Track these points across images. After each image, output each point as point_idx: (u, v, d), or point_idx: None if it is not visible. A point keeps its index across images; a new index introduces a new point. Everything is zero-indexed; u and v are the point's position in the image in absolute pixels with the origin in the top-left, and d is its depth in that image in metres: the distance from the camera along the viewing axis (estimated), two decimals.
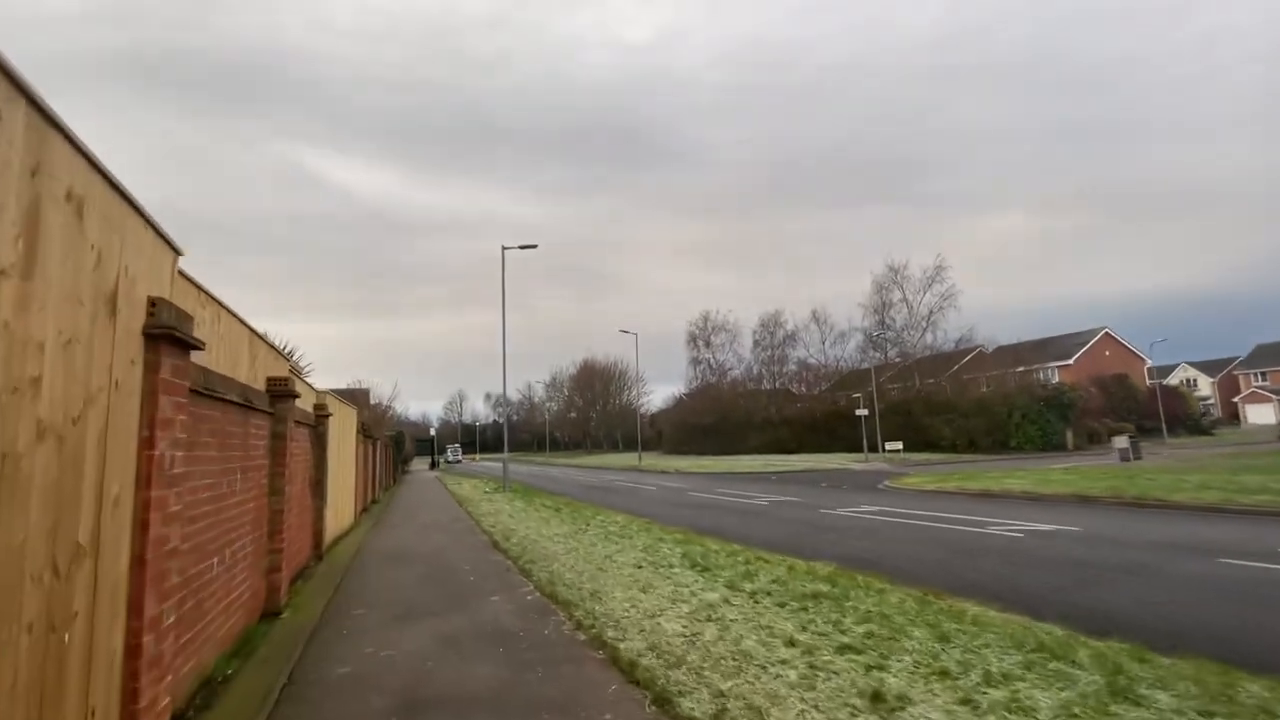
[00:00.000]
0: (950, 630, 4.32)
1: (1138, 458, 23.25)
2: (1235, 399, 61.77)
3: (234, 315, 4.68)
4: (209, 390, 3.85)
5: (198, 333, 3.80)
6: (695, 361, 66.21)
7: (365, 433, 15.77)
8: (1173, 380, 58.54)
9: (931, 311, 47.37)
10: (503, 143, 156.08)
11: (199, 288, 3.83)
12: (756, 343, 60.79)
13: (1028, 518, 10.46)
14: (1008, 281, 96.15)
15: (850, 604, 5.14)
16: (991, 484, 15.37)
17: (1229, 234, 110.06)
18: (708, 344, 65.69)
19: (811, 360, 56.60)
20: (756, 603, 5.31)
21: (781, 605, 5.19)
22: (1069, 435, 37.29)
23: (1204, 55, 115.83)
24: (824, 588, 5.70)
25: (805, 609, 5.03)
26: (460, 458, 67.09)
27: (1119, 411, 42.24)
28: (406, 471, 41.61)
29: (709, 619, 4.84)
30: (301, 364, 14.39)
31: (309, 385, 8.80)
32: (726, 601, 5.34)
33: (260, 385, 5.55)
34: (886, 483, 19.08)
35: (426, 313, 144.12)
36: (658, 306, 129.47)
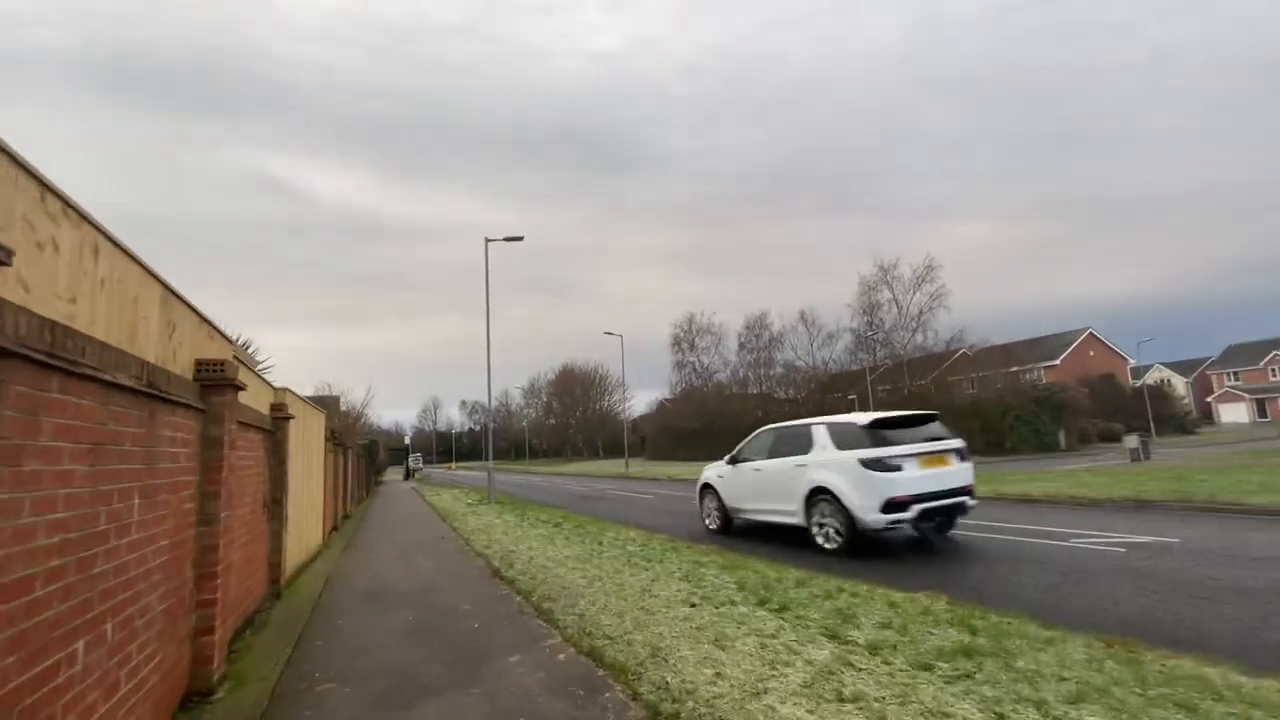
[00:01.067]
0: (1226, 718, 2.90)
1: (1147, 457, 22.60)
2: (1209, 398, 62.85)
3: (131, 256, 3.06)
4: (61, 359, 2.24)
5: (40, 260, 2.21)
6: (679, 365, 64.87)
7: (335, 441, 13.94)
8: (1149, 380, 59.23)
9: (921, 311, 46.88)
10: (472, 150, 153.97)
11: (44, 182, 2.23)
12: (742, 345, 59.69)
13: (1102, 527, 9.21)
14: (979, 286, 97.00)
15: (1022, 664, 3.69)
16: (1029, 488, 14.22)
17: (1193, 238, 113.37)
18: (692, 346, 64.44)
19: (799, 362, 55.65)
20: (888, 663, 3.83)
21: (927, 668, 3.72)
22: (1061, 436, 36.83)
23: (1155, 69, 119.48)
24: (962, 636, 4.25)
25: (969, 676, 3.56)
26: (421, 465, 64.21)
27: (1106, 411, 42.11)
28: (380, 482, 39.37)
29: (842, 698, 3.34)
30: (258, 359, 12.56)
31: (264, 380, 7.10)
32: (846, 664, 3.85)
33: (184, 370, 3.92)
34: None
35: (399, 320, 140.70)
36: (634, 314, 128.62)
